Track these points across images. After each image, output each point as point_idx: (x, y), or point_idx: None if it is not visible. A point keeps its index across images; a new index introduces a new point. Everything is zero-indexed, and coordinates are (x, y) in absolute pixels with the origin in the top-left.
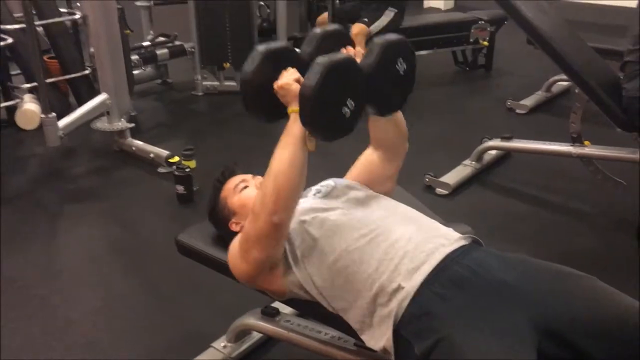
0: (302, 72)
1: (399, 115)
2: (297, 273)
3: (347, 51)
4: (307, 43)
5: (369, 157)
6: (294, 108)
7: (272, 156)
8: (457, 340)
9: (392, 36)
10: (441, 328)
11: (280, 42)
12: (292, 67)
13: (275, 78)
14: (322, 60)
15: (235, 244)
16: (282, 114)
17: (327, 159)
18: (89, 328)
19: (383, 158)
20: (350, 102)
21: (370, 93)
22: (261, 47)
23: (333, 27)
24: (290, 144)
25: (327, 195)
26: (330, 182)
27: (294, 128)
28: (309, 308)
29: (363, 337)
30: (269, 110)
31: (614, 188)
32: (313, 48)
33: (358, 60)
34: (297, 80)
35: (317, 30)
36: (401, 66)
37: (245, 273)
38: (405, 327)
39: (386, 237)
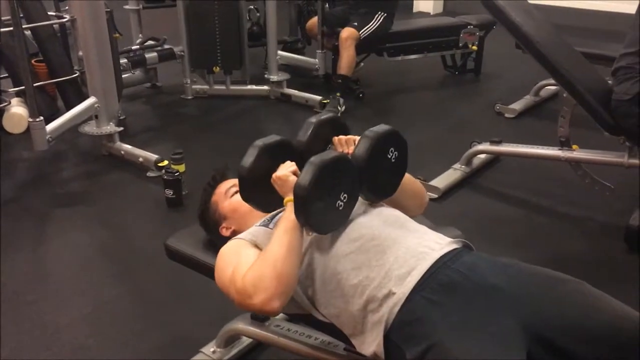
0: (297, 160)
1: (416, 185)
2: None
3: (339, 142)
4: (303, 132)
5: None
6: (290, 198)
7: (271, 241)
8: (448, 345)
9: (382, 128)
10: (432, 334)
11: (276, 137)
12: (288, 158)
13: (272, 170)
14: (314, 160)
15: (225, 274)
16: (278, 204)
17: None
18: (77, 333)
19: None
20: (343, 196)
21: (363, 183)
22: (258, 142)
23: (327, 115)
24: (289, 230)
25: None
26: None
27: (291, 216)
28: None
29: (354, 342)
30: (266, 200)
31: (602, 191)
32: (308, 137)
33: (352, 148)
34: (295, 173)
35: (312, 119)
36: (392, 154)
37: (234, 295)
38: (396, 333)
39: (376, 242)
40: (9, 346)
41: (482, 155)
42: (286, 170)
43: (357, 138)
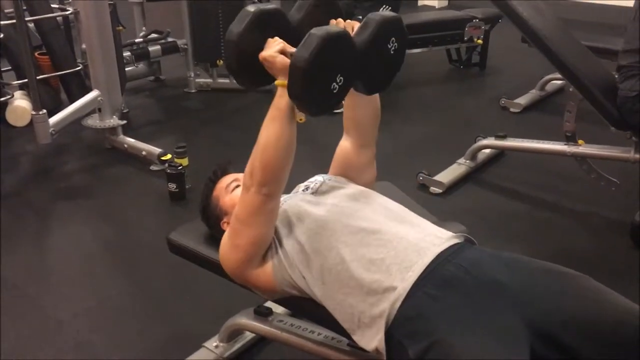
0: (289, 38)
1: (375, 99)
2: (287, 269)
3: (337, 24)
4: (297, 9)
5: (343, 147)
6: (281, 81)
7: (261, 129)
8: (451, 342)
9: (387, 14)
10: (435, 330)
11: (271, 4)
12: (280, 33)
13: (263, 43)
14: (317, 32)
15: (225, 236)
16: (268, 81)
17: (314, 150)
18: (79, 328)
19: (357, 144)
20: (339, 78)
21: (360, 70)
22: (251, 7)
23: None
24: (277, 117)
25: (317, 191)
26: (318, 178)
27: (281, 101)
28: (302, 308)
29: (354, 337)
30: (255, 75)
31: (608, 187)
32: (303, 15)
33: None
34: (282, 51)
35: None
36: (392, 45)
37: (235, 262)
38: (397, 329)
39: (377, 235)
40: (10, 341)
41: (487, 150)
42: (273, 49)
43: (356, 24)
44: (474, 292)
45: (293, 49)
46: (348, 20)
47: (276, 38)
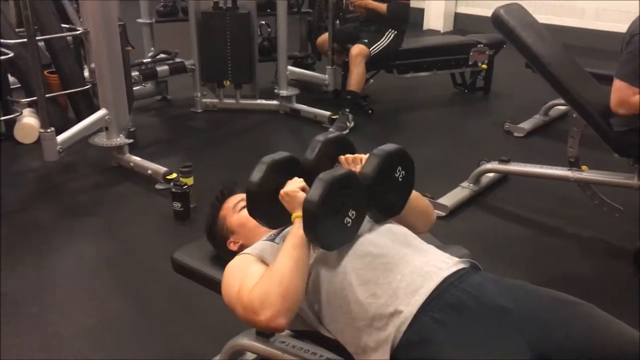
0: (304, 178)
1: (423, 202)
2: None
3: (346, 160)
4: (310, 150)
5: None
6: (299, 214)
7: (278, 257)
8: None
9: (390, 147)
10: (440, 355)
11: (284, 153)
12: (295, 175)
13: (279, 186)
14: (324, 176)
15: (232, 286)
16: (286, 220)
17: None
18: (81, 346)
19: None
20: (351, 212)
21: (371, 201)
22: (266, 159)
23: (334, 134)
24: (296, 246)
25: None
26: None
27: (299, 231)
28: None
29: None
30: (273, 217)
31: (611, 213)
32: (315, 155)
33: (358, 167)
34: (303, 189)
35: (319, 137)
36: (400, 173)
37: (241, 316)
38: (403, 353)
39: (384, 260)
40: (12, 358)
41: (491, 174)
42: (294, 186)
43: (364, 157)
44: (480, 317)
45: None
46: (355, 155)
47: (296, 178)
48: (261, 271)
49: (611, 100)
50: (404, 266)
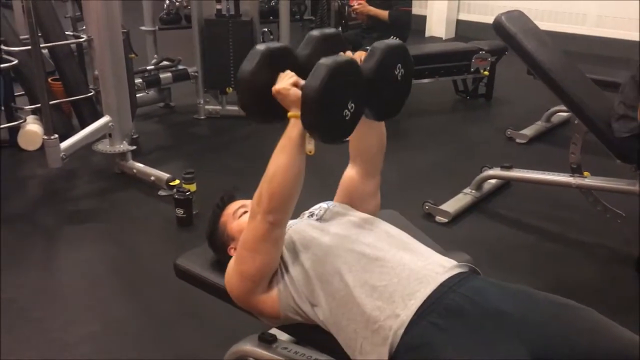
0: (299, 73)
1: (382, 124)
2: (293, 294)
3: (346, 55)
4: (305, 45)
5: (348, 176)
6: (294, 113)
7: (271, 159)
8: None
9: (392, 42)
10: (439, 359)
11: (278, 43)
12: (289, 68)
13: (274, 79)
14: (326, 61)
15: (231, 262)
16: (280, 116)
17: (319, 177)
18: (84, 352)
19: (362, 173)
20: (351, 105)
21: (370, 97)
22: (260, 46)
23: (331, 30)
24: (288, 147)
25: (321, 218)
26: (323, 205)
27: (293, 132)
28: (307, 335)
29: None
30: (267, 111)
31: (614, 219)
32: (311, 50)
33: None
34: (295, 84)
35: (315, 32)
36: (399, 71)
37: (241, 288)
38: (401, 357)
39: (380, 262)
40: None
41: (493, 180)
42: (287, 82)
43: (363, 54)
44: (479, 321)
45: (304, 81)
46: (357, 52)
47: (287, 71)
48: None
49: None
50: (401, 269)
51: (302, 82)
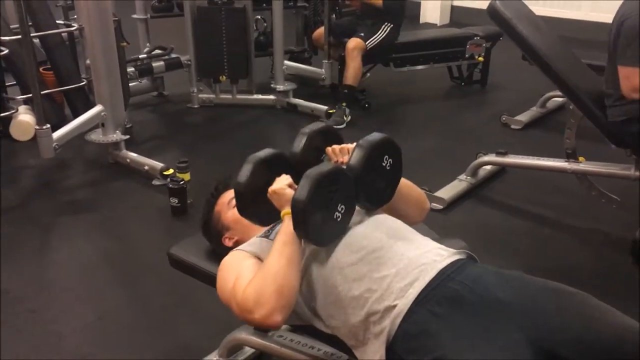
0: (292, 172)
1: (415, 191)
2: None
3: (333, 151)
4: (296, 143)
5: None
6: (287, 211)
7: (270, 254)
8: (454, 358)
9: (375, 136)
10: (437, 347)
11: (269, 150)
12: (283, 170)
13: (268, 183)
14: (310, 173)
15: (227, 283)
16: (276, 217)
17: None
18: (80, 343)
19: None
20: (340, 207)
21: (359, 193)
22: (252, 158)
23: (319, 125)
24: (287, 243)
25: None
26: None
27: (289, 228)
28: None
29: (356, 354)
30: (264, 214)
31: (609, 204)
32: (301, 148)
33: (346, 157)
34: (290, 185)
35: (305, 130)
36: (387, 162)
37: (237, 314)
38: (399, 345)
39: (378, 254)
40: (10, 355)
41: (488, 167)
42: (282, 183)
43: (351, 146)
44: (477, 309)
45: (296, 186)
46: (342, 146)
47: (283, 175)
48: (255, 268)
49: (622, 88)
50: (399, 259)
51: (295, 186)
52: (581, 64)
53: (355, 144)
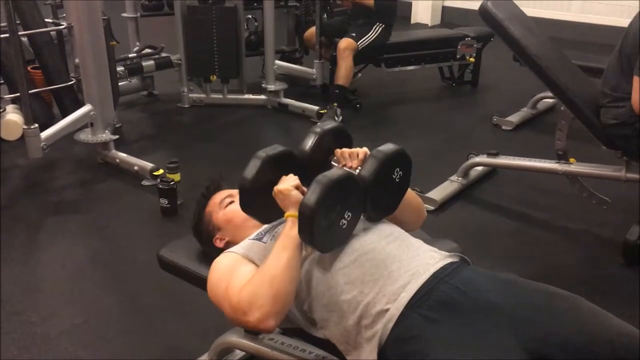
0: (299, 171)
1: (416, 199)
2: None
3: (342, 155)
4: (305, 142)
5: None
6: (292, 213)
7: (269, 257)
8: None
9: (390, 148)
10: (430, 351)
11: (278, 147)
12: (290, 168)
13: (273, 181)
14: (321, 179)
15: (219, 285)
16: (277, 216)
17: None
18: (67, 345)
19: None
20: (347, 214)
21: (367, 203)
22: (261, 153)
23: (331, 125)
24: (287, 247)
25: None
26: None
27: (291, 232)
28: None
29: (348, 357)
30: (266, 212)
31: (600, 205)
32: (311, 147)
33: (355, 162)
34: (297, 187)
35: (316, 128)
36: (397, 174)
37: (229, 316)
38: (392, 349)
39: (370, 257)
40: None
41: (479, 168)
42: (288, 184)
43: (361, 151)
44: (470, 313)
45: (305, 189)
46: (352, 150)
47: (291, 175)
48: (249, 271)
49: (633, 99)
50: (391, 262)
51: (303, 189)
52: (572, 65)
53: (365, 149)
